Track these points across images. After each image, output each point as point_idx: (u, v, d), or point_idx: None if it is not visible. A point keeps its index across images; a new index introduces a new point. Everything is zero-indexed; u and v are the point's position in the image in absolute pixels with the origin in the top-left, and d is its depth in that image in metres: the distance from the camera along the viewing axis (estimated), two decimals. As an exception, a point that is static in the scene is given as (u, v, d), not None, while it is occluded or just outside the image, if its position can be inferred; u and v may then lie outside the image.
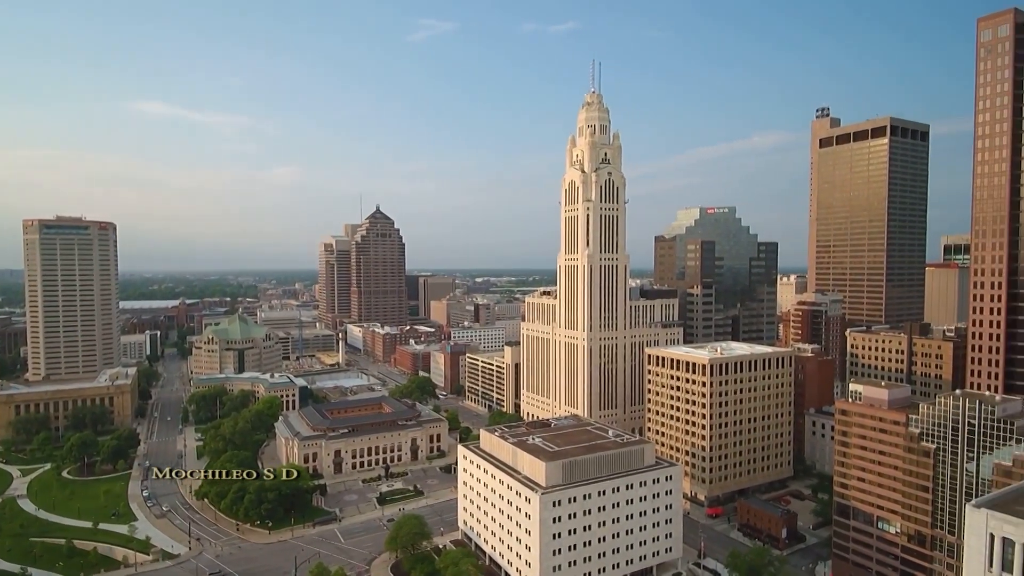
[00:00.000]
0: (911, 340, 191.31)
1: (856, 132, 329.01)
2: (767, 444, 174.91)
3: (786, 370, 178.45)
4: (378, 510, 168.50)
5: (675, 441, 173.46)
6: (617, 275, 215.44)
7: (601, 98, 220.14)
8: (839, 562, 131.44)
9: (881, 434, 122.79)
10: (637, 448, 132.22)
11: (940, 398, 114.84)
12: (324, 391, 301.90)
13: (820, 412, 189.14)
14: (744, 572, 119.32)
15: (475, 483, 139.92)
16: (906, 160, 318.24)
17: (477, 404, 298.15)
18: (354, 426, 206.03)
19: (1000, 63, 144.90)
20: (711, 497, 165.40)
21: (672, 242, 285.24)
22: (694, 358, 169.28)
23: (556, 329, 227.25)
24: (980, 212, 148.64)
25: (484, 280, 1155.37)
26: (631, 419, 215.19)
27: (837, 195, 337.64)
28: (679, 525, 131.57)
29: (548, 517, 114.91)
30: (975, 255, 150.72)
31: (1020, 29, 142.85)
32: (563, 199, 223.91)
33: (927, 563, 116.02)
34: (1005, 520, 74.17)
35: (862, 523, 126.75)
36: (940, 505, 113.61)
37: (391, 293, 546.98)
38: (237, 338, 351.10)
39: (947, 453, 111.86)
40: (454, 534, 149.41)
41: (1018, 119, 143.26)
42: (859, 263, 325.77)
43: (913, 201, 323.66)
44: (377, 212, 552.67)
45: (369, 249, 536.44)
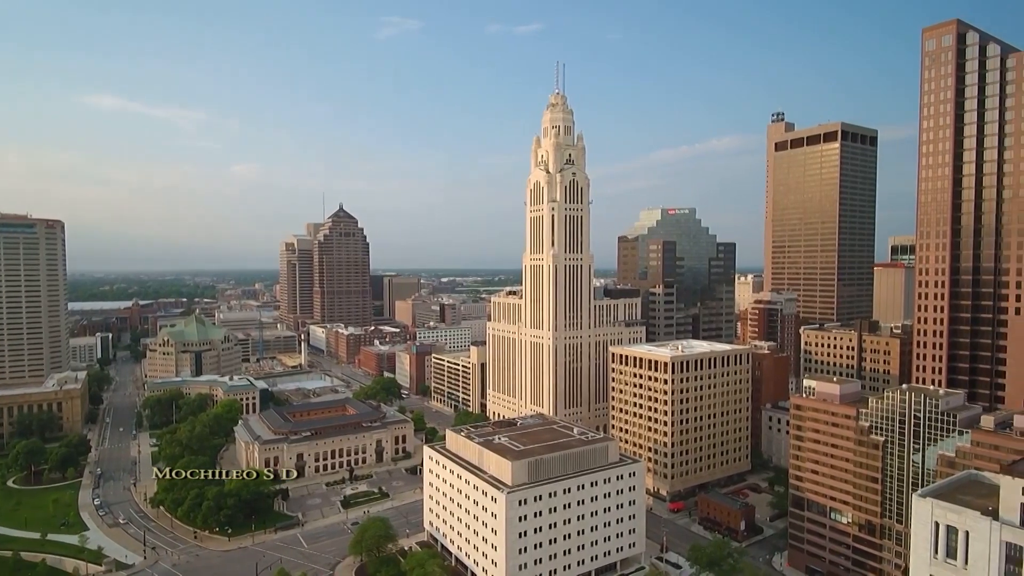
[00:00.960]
0: (861, 337, 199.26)
1: (809, 136, 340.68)
2: (726, 439, 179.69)
3: (744, 367, 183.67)
4: (342, 513, 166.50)
5: (638, 438, 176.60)
6: (582, 275, 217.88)
7: (565, 99, 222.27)
8: (794, 552, 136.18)
9: (833, 428, 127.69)
10: (601, 446, 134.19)
11: (888, 393, 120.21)
12: (286, 394, 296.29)
13: (776, 407, 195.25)
14: (704, 564, 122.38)
15: (441, 484, 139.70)
16: (856, 164, 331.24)
17: (443, 404, 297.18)
18: (317, 429, 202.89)
19: (943, 72, 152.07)
20: (673, 492, 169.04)
21: (635, 242, 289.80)
22: (656, 356, 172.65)
23: (522, 328, 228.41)
24: (924, 214, 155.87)
25: (450, 280, 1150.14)
26: (596, 417, 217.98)
27: (792, 197, 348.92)
28: (642, 520, 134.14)
29: (514, 516, 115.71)
30: (920, 255, 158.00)
31: (962, 39, 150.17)
32: (528, 199, 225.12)
33: (877, 551, 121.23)
34: (949, 509, 78.18)
35: (816, 514, 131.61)
36: (889, 495, 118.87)
37: (355, 293, 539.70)
38: (194, 340, 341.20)
39: (895, 445, 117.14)
40: (420, 536, 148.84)
41: (960, 125, 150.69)
42: (812, 263, 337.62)
43: (862, 203, 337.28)
44: (340, 211, 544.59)
45: (332, 248, 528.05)
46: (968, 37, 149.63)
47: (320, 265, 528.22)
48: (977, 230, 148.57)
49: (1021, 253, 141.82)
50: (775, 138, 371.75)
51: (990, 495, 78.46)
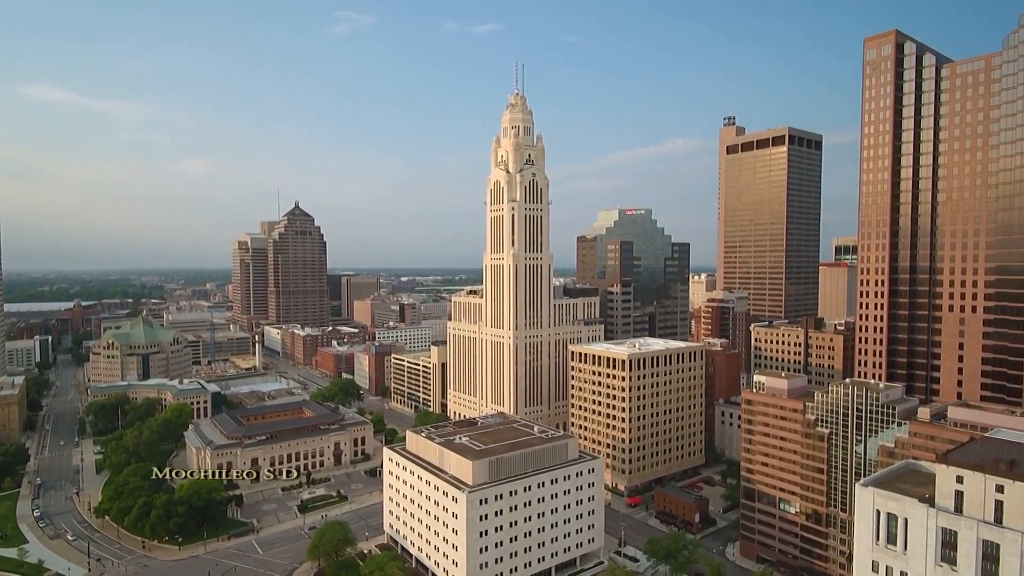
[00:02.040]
0: (807, 334, 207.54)
1: (759, 141, 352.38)
2: (681, 434, 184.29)
3: (698, 363, 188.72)
4: (299, 518, 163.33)
5: (597, 435, 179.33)
6: (542, 274, 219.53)
7: (525, 100, 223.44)
8: (746, 542, 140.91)
9: (782, 421, 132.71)
10: (561, 443, 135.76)
11: (832, 387, 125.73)
12: (239, 397, 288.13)
13: (728, 402, 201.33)
14: (661, 557, 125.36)
15: (401, 485, 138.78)
16: (802, 167, 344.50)
17: (403, 405, 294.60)
18: (272, 432, 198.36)
19: (883, 80, 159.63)
20: (630, 487, 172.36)
21: (593, 242, 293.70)
22: (614, 354, 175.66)
23: (483, 328, 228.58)
24: (865, 216, 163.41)
25: (410, 279, 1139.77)
26: (555, 414, 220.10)
27: (742, 199, 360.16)
28: (601, 516, 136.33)
29: (475, 515, 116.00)
30: (861, 255, 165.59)
31: (900, 49, 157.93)
32: (488, 199, 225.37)
33: (823, 539, 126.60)
34: (889, 497, 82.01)
35: (766, 505, 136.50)
36: (834, 485, 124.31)
37: (311, 293, 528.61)
38: (141, 342, 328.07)
39: (839, 437, 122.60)
40: (380, 538, 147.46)
41: (898, 132, 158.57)
42: (762, 262, 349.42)
43: (808, 205, 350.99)
44: (296, 209, 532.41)
45: (288, 247, 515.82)
46: (906, 47, 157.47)
47: (275, 264, 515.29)
48: (914, 231, 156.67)
49: (954, 253, 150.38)
50: (727, 141, 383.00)
51: (927, 483, 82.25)
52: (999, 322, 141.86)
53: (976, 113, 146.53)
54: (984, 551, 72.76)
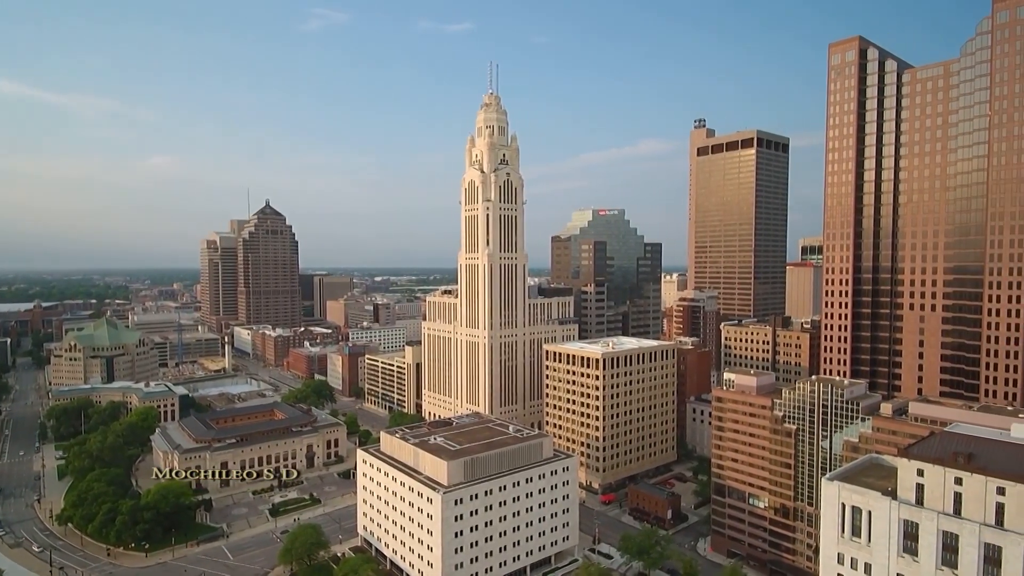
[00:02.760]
0: (775, 332, 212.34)
1: (728, 143, 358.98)
2: (654, 431, 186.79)
3: (670, 362, 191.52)
4: (271, 522, 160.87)
5: (571, 433, 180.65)
6: (516, 274, 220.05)
7: (499, 100, 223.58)
8: (717, 537, 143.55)
9: (751, 418, 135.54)
10: (536, 442, 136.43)
11: (799, 384, 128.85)
12: (208, 399, 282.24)
13: (699, 400, 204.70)
14: (634, 554, 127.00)
15: (375, 487, 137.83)
16: (770, 169, 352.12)
17: (377, 406, 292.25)
18: (243, 435, 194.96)
19: (847, 84, 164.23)
20: (604, 485, 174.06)
21: (567, 242, 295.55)
22: (588, 353, 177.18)
23: (457, 328, 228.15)
24: (830, 217, 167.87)
25: (384, 279, 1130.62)
26: (530, 414, 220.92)
27: (713, 200, 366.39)
28: (575, 514, 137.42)
29: (450, 516, 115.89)
30: (827, 255, 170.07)
31: (864, 55, 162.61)
32: (463, 198, 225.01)
33: (791, 533, 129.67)
34: (854, 491, 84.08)
35: (736, 500, 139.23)
36: (801, 480, 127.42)
37: (283, 293, 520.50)
38: (105, 344, 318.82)
39: (806, 433, 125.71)
40: (354, 541, 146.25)
41: (862, 135, 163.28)
42: (731, 262, 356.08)
43: (776, 206, 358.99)
44: (267, 207, 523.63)
45: (258, 246, 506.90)
46: (869, 53, 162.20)
47: (245, 264, 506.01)
48: (876, 232, 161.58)
49: (915, 254, 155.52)
50: (697, 143, 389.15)
51: (890, 477, 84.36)
52: (957, 320, 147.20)
53: (935, 118, 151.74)
54: (944, 542, 75.20)
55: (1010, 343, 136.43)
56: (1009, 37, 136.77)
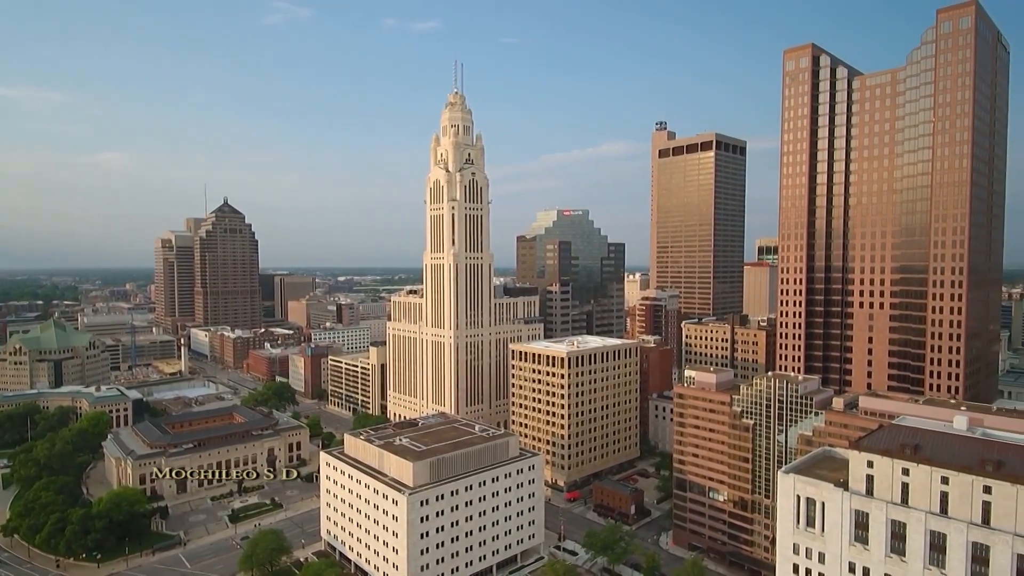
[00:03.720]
0: (733, 330, 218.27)
1: (688, 145, 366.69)
2: (618, 428, 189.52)
3: (633, 360, 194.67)
4: (230, 528, 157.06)
5: (537, 432, 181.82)
6: (482, 273, 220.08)
7: (464, 99, 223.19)
8: (678, 530, 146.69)
9: (711, 414, 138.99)
10: (502, 441, 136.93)
11: (756, 380, 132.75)
12: (164, 403, 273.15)
13: (661, 396, 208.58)
14: (599, 549, 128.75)
15: (339, 490, 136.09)
16: (728, 171, 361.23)
17: (341, 408, 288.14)
18: (200, 440, 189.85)
19: (801, 90, 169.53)
20: (569, 482, 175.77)
21: (532, 242, 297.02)
22: (553, 352, 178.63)
23: (423, 328, 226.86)
24: (785, 218, 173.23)
25: (347, 279, 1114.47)
26: (496, 413, 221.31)
27: (674, 201, 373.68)
28: (541, 512, 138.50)
29: (416, 517, 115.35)
30: (782, 255, 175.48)
31: (817, 62, 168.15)
32: (428, 198, 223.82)
33: (749, 524, 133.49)
34: (808, 483, 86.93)
35: (696, 494, 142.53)
36: (758, 473, 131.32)
37: (242, 293, 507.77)
38: (52, 347, 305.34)
39: (762, 427, 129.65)
40: (317, 545, 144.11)
41: (815, 139, 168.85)
42: (692, 262, 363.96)
43: (734, 208, 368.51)
44: (225, 205, 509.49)
45: (216, 245, 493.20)
46: (822, 60, 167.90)
47: (202, 263, 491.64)
48: (828, 233, 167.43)
49: (864, 254, 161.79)
50: (659, 145, 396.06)
51: (842, 469, 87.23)
52: (903, 317, 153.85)
53: (883, 123, 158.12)
54: (893, 530, 78.51)
55: (952, 339, 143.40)
56: (951, 47, 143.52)
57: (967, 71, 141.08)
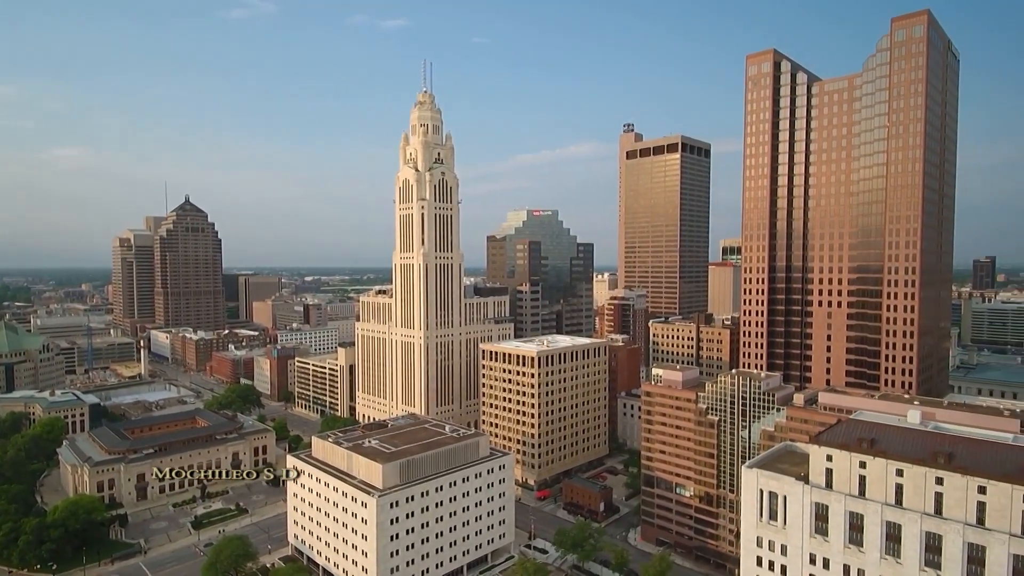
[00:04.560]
0: (699, 329, 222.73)
1: (655, 147, 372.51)
2: (587, 427, 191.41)
3: (602, 359, 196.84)
4: (193, 535, 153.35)
5: (507, 431, 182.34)
6: (452, 273, 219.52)
7: (433, 98, 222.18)
8: (646, 526, 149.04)
9: (677, 411, 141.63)
10: (472, 441, 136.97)
11: (720, 377, 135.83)
12: (123, 408, 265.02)
13: (630, 395, 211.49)
14: (569, 547, 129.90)
15: (307, 494, 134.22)
16: (693, 173, 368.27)
17: (308, 411, 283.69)
18: (161, 445, 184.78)
19: (762, 95, 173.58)
20: (540, 481, 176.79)
21: (502, 242, 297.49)
22: (524, 351, 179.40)
23: (392, 328, 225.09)
24: (748, 220, 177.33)
25: (315, 279, 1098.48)
26: (467, 413, 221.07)
27: (641, 202, 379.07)
28: (511, 511, 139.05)
29: (385, 520, 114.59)
30: (745, 256, 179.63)
31: (778, 67, 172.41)
32: (397, 197, 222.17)
33: (714, 519, 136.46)
34: (771, 477, 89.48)
35: (664, 490, 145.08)
36: (723, 469, 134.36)
37: (205, 294, 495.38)
38: (3, 350, 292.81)
39: (727, 423, 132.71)
40: (284, 550, 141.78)
41: (776, 142, 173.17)
42: (659, 262, 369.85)
43: (699, 209, 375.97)
44: (187, 203, 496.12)
45: (177, 245, 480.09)
46: (782, 65, 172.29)
47: (163, 263, 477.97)
48: (789, 234, 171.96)
49: (823, 254, 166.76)
50: (626, 147, 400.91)
51: (803, 463, 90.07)
52: (860, 315, 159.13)
53: (841, 128, 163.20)
54: (851, 521, 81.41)
55: (906, 336, 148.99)
56: (905, 55, 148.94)
57: (919, 78, 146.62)
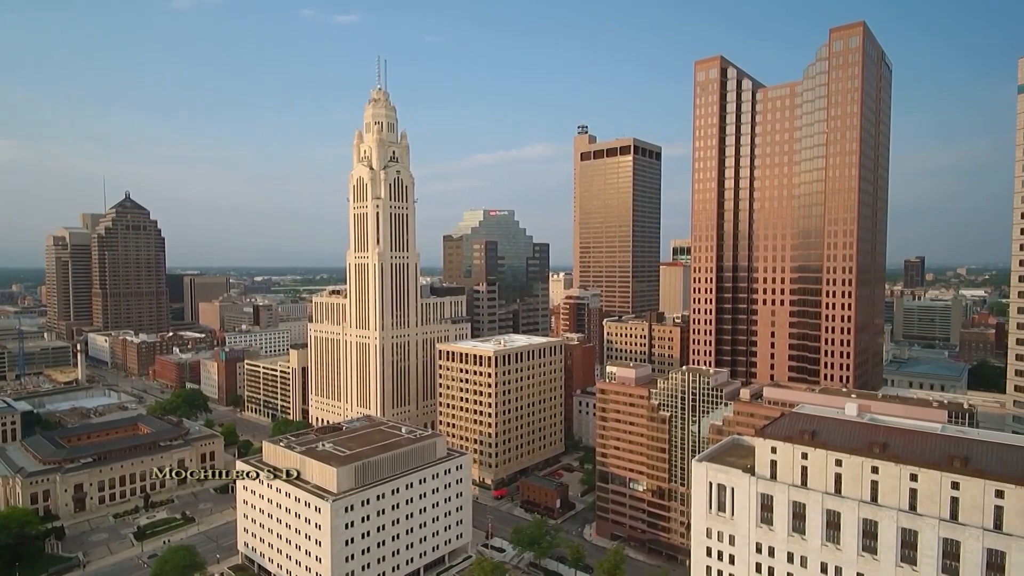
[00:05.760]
0: (651, 327, 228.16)
1: (608, 149, 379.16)
2: (543, 425, 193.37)
3: (558, 357, 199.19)
4: (136, 546, 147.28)
5: (464, 431, 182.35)
6: (408, 273, 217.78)
7: (388, 95, 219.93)
8: (601, 522, 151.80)
9: (631, 407, 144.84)
10: (429, 442, 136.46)
11: (671, 374, 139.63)
12: (58, 415, 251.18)
13: (585, 392, 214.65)
14: (526, 544, 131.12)
15: (258, 500, 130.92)
16: (645, 176, 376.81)
17: (259, 415, 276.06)
18: (100, 453, 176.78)
19: (710, 100, 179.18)
20: (497, 480, 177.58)
21: (459, 242, 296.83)
22: (480, 351, 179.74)
23: (347, 329, 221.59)
24: (697, 221, 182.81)
25: (265, 279, 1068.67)
26: (424, 414, 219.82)
27: (595, 203, 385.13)
28: (469, 511, 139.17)
29: (340, 524, 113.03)
30: (694, 256, 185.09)
31: (724, 74, 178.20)
32: (352, 195, 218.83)
33: (666, 512, 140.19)
34: (719, 470, 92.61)
35: (618, 485, 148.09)
36: (674, 463, 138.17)
37: (147, 295, 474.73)
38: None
39: (678, 419, 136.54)
40: (234, 560, 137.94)
41: (723, 147, 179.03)
42: (612, 262, 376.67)
43: (651, 210, 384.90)
44: (127, 200, 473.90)
45: (117, 244, 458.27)
46: (729, 72, 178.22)
47: (101, 263, 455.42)
48: (735, 235, 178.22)
49: (767, 254, 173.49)
50: (580, 148, 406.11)
51: (749, 455, 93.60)
52: (801, 313, 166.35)
53: (783, 133, 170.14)
54: (794, 511, 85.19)
55: (843, 332, 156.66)
56: (842, 64, 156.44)
57: (855, 87, 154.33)
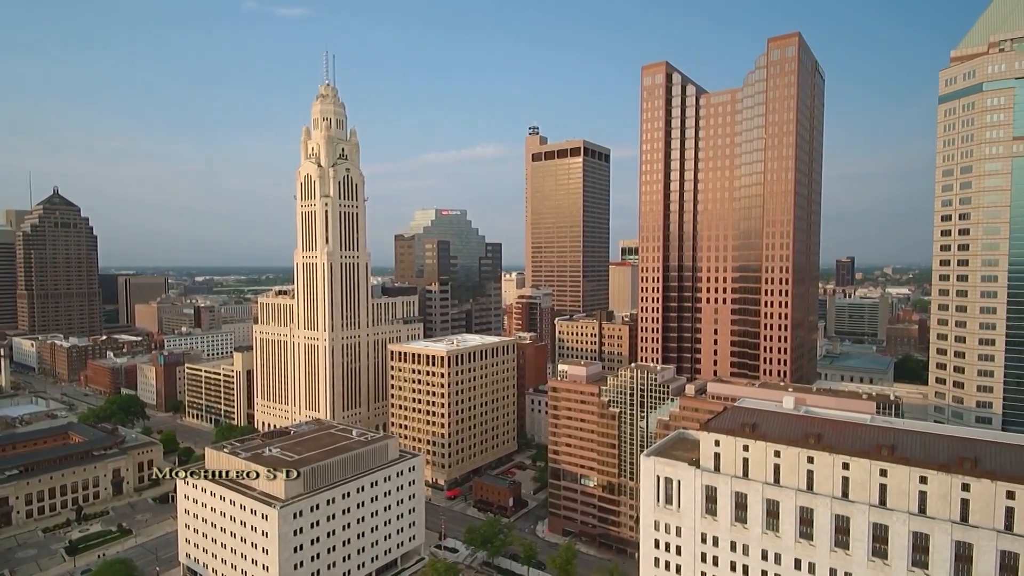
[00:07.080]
0: (601, 325, 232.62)
1: (559, 150, 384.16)
2: (496, 424, 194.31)
3: (511, 356, 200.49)
4: (68, 562, 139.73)
5: (417, 432, 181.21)
6: (358, 273, 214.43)
7: (336, 92, 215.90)
8: (553, 518, 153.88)
9: (582, 405, 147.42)
10: (381, 444, 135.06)
11: (620, 371, 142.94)
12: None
13: (537, 391, 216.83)
14: (479, 544, 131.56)
15: (200, 509, 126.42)
16: (595, 177, 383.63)
17: (201, 420, 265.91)
18: (27, 464, 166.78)
19: (656, 104, 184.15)
20: (450, 480, 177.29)
21: (411, 241, 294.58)
22: (433, 351, 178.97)
23: (295, 330, 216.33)
24: (644, 222, 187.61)
25: (207, 279, 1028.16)
26: (375, 416, 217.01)
27: (546, 203, 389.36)
28: (422, 513, 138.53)
29: (288, 531, 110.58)
30: (642, 256, 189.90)
31: (670, 79, 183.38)
32: (299, 193, 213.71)
33: (616, 507, 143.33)
34: (666, 463, 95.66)
35: (569, 482, 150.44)
36: (624, 458, 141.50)
37: (77, 296, 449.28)
38: None
39: (627, 415, 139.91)
40: (175, 572, 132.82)
41: (668, 150, 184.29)
42: (563, 262, 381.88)
43: (600, 211, 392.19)
44: (55, 196, 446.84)
45: (44, 242, 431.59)
46: (674, 77, 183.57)
47: (27, 262, 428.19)
48: (681, 236, 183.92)
49: (710, 255, 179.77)
50: (532, 149, 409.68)
51: (694, 449, 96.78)
52: (742, 311, 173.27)
53: (725, 138, 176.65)
54: (736, 501, 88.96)
55: (781, 329, 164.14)
56: (779, 72, 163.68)
57: (791, 94, 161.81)
